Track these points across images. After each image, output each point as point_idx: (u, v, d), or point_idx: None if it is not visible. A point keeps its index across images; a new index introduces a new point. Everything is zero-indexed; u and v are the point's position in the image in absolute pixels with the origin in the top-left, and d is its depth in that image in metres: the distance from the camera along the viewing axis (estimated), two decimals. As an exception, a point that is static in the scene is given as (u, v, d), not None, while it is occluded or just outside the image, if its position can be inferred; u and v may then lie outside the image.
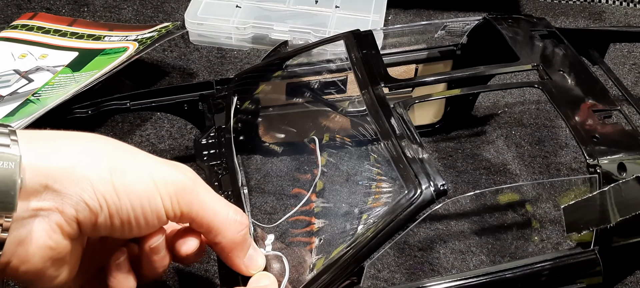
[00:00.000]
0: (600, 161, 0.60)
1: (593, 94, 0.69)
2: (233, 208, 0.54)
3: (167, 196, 0.50)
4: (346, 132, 0.87)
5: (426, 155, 0.59)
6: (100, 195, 0.47)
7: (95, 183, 0.47)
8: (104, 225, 0.48)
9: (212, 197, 0.53)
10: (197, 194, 0.52)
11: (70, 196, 0.46)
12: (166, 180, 0.50)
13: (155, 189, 0.49)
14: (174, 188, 0.50)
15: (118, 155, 0.50)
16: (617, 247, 0.61)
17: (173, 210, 0.51)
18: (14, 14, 1.13)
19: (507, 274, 0.60)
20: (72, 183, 0.46)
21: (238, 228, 0.55)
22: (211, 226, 0.53)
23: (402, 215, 0.56)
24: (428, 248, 0.79)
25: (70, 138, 0.49)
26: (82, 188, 0.46)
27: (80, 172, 0.46)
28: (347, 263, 0.57)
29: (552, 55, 0.75)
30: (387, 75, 0.71)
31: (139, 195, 0.49)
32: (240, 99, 0.81)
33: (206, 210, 0.52)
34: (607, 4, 1.24)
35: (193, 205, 0.51)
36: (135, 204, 0.49)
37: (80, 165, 0.47)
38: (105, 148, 0.50)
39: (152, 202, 0.49)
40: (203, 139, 0.76)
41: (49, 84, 0.89)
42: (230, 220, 0.54)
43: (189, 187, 0.51)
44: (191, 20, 1.08)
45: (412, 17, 1.19)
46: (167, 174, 0.51)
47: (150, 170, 0.50)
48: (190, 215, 0.52)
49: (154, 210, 0.50)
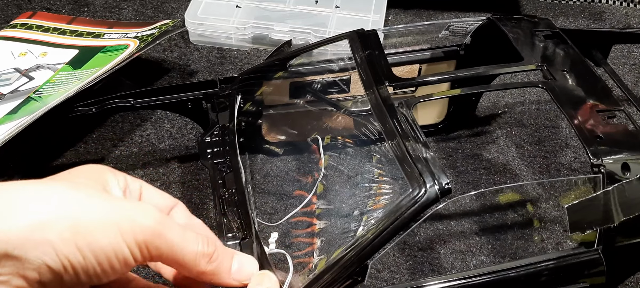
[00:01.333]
0: (604, 161, 0.61)
1: (596, 94, 0.69)
2: (201, 240, 0.53)
3: (134, 244, 0.49)
4: (349, 132, 0.87)
5: (430, 154, 0.59)
6: (64, 256, 0.45)
7: (57, 246, 0.45)
8: (70, 281, 0.47)
9: (179, 235, 0.51)
10: (164, 238, 0.50)
11: (31, 261, 0.44)
12: (133, 229, 0.48)
13: (122, 240, 0.48)
14: (142, 236, 0.49)
15: (80, 209, 0.47)
16: (620, 246, 0.61)
17: (142, 255, 0.50)
18: (14, 14, 1.13)
19: (511, 273, 0.60)
20: (32, 248, 0.44)
21: (207, 261, 0.54)
22: (181, 263, 0.52)
23: (406, 213, 0.56)
24: (428, 249, 0.79)
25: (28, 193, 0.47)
26: (43, 252, 0.44)
27: (40, 236, 0.44)
28: (351, 261, 0.57)
29: (556, 55, 0.75)
30: (392, 74, 0.71)
31: (105, 249, 0.47)
32: (244, 98, 0.81)
33: (174, 251, 0.51)
34: (607, 4, 1.24)
35: (161, 249, 0.50)
36: (101, 259, 0.47)
37: (40, 228, 0.45)
38: (65, 203, 0.47)
39: (118, 253, 0.48)
40: (207, 137, 0.75)
41: (50, 81, 0.89)
42: (199, 254, 0.53)
43: (156, 231, 0.50)
44: (191, 20, 1.08)
45: (412, 18, 1.19)
46: (133, 222, 0.49)
47: (115, 220, 0.48)
48: (160, 257, 0.51)
49: (121, 260, 0.48)
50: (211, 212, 0.81)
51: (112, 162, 0.88)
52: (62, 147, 0.90)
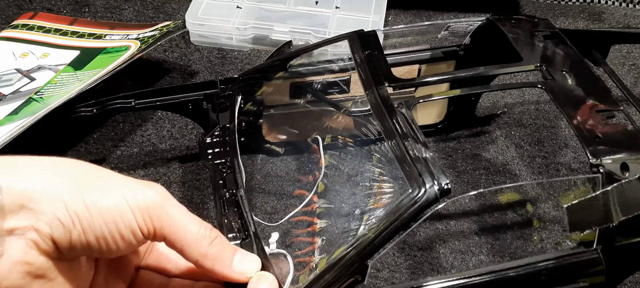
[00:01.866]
0: (603, 161, 0.61)
1: (596, 94, 0.69)
2: (204, 225, 0.55)
3: (139, 212, 0.51)
4: (349, 132, 0.87)
5: (430, 155, 0.59)
6: (73, 212, 0.48)
7: (67, 201, 0.48)
8: (79, 241, 0.49)
9: (183, 215, 0.53)
10: (167, 211, 0.52)
11: (44, 214, 0.47)
12: (137, 197, 0.51)
13: (127, 205, 0.50)
14: (145, 204, 0.51)
15: (88, 175, 0.51)
16: (619, 246, 0.62)
17: (146, 226, 0.51)
18: (15, 15, 1.13)
19: (510, 273, 0.61)
20: (46, 202, 0.48)
21: (208, 243, 0.55)
22: (182, 243, 0.53)
23: (406, 213, 0.56)
24: (428, 248, 0.79)
25: (42, 162, 0.50)
26: (55, 207, 0.48)
27: (52, 192, 0.48)
28: (352, 261, 0.57)
29: (555, 55, 0.75)
30: (391, 75, 0.71)
31: (111, 211, 0.50)
32: (244, 99, 0.81)
33: (177, 226, 0.53)
34: (607, 4, 1.24)
35: (164, 222, 0.52)
36: (108, 220, 0.49)
37: (53, 186, 0.48)
38: (75, 171, 0.51)
39: (124, 217, 0.50)
40: (208, 137, 0.76)
41: (51, 82, 0.89)
42: (200, 235, 0.54)
43: (159, 203, 0.52)
44: (192, 21, 1.08)
45: (412, 18, 1.20)
46: (138, 191, 0.51)
47: (121, 187, 0.51)
48: (162, 231, 0.52)
49: (127, 225, 0.50)
50: (212, 212, 0.81)
51: (113, 162, 0.89)
52: (63, 147, 0.90)
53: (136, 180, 0.53)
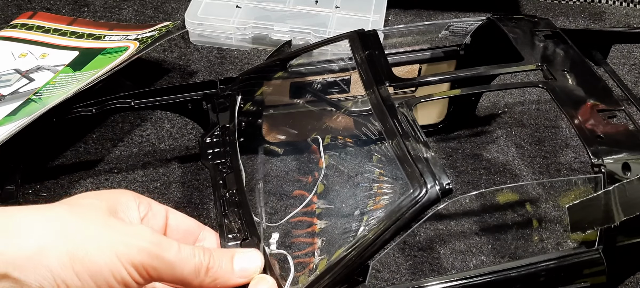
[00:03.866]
0: (605, 161, 0.61)
1: (597, 94, 0.69)
2: (197, 253, 0.54)
3: (131, 265, 0.50)
4: (349, 132, 0.87)
5: (431, 155, 0.59)
6: (61, 280, 0.47)
7: (55, 270, 0.47)
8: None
9: (175, 254, 0.52)
10: (161, 258, 0.51)
11: (29, 284, 0.46)
12: (129, 252, 0.50)
13: (119, 263, 0.49)
14: (138, 257, 0.50)
15: (80, 234, 0.49)
16: (621, 246, 0.62)
17: (141, 276, 0.51)
18: (14, 14, 1.13)
19: (511, 273, 0.60)
20: (31, 271, 0.46)
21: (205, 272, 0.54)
22: (181, 279, 0.53)
23: (407, 213, 0.56)
24: (428, 249, 0.79)
25: (29, 218, 0.49)
26: (42, 276, 0.46)
27: (38, 259, 0.46)
28: (353, 261, 0.57)
29: (556, 55, 0.75)
30: (392, 74, 0.71)
31: (103, 273, 0.49)
32: (244, 99, 0.81)
33: (173, 268, 0.52)
34: (607, 4, 1.24)
35: (159, 269, 0.51)
36: (99, 282, 0.49)
37: (39, 252, 0.47)
38: (66, 229, 0.49)
39: (116, 275, 0.49)
40: (207, 137, 0.75)
41: (50, 83, 0.89)
42: (196, 268, 0.54)
43: (152, 253, 0.51)
44: (191, 21, 1.08)
45: (412, 18, 1.19)
46: (129, 245, 0.50)
47: (113, 246, 0.49)
48: (160, 277, 0.52)
49: (120, 281, 0.50)
50: (212, 213, 0.81)
51: (112, 162, 0.88)
52: (62, 147, 0.90)
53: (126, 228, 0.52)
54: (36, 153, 0.89)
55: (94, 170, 0.87)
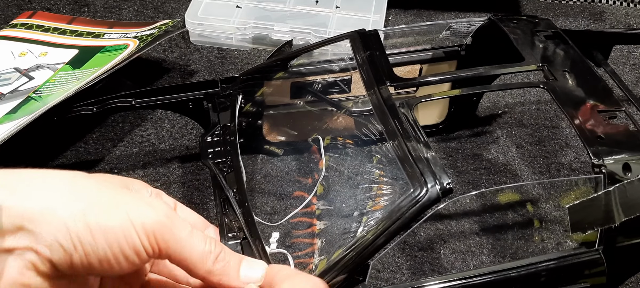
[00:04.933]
0: (606, 161, 0.61)
1: (598, 95, 0.69)
2: (209, 241, 0.54)
3: (144, 234, 0.50)
4: (350, 132, 0.87)
5: (431, 154, 0.59)
6: (74, 235, 0.47)
7: (69, 224, 0.47)
8: (80, 263, 0.48)
9: (187, 234, 0.53)
10: (172, 232, 0.51)
11: (44, 237, 0.46)
12: (142, 218, 0.50)
13: (132, 227, 0.49)
14: (151, 226, 0.50)
15: (93, 195, 0.50)
16: (621, 247, 0.61)
17: (152, 247, 0.50)
18: (14, 14, 1.13)
19: (511, 273, 0.60)
20: (46, 224, 0.46)
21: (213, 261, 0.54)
22: (188, 262, 0.53)
23: (407, 213, 0.56)
24: (428, 248, 0.79)
25: (46, 178, 0.49)
26: (56, 229, 0.46)
27: (53, 213, 0.47)
28: (353, 261, 0.57)
29: (557, 55, 0.75)
30: (393, 74, 0.71)
31: (115, 233, 0.48)
32: (245, 98, 0.81)
33: (183, 246, 0.52)
34: (608, 4, 1.24)
35: (169, 243, 0.51)
36: (111, 242, 0.48)
37: (55, 207, 0.47)
38: (80, 189, 0.49)
39: (129, 239, 0.49)
40: (208, 137, 0.75)
41: (49, 81, 0.89)
42: (206, 253, 0.54)
43: (165, 225, 0.51)
44: (191, 21, 1.08)
45: (412, 18, 1.19)
46: (144, 213, 0.50)
47: (125, 207, 0.50)
48: (168, 252, 0.52)
49: (132, 246, 0.49)
50: (212, 212, 0.81)
51: (112, 163, 0.88)
52: (62, 146, 0.90)
53: (142, 200, 0.52)
54: (36, 152, 0.89)
55: (94, 170, 0.87)
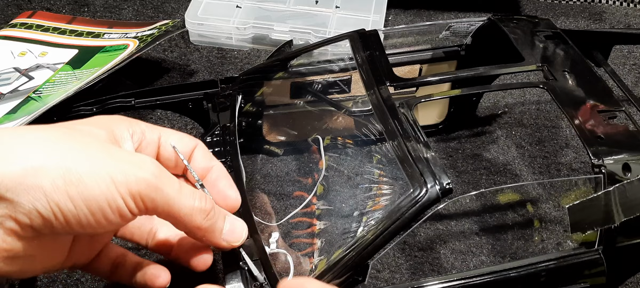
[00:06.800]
0: (605, 161, 0.61)
1: (597, 95, 0.69)
2: (198, 195, 0.54)
3: (128, 195, 0.49)
4: (350, 132, 0.87)
5: (431, 155, 0.59)
6: (54, 203, 0.46)
7: (48, 192, 0.46)
8: (61, 228, 0.47)
9: (175, 190, 0.52)
10: (160, 191, 0.50)
11: (22, 205, 0.45)
12: (128, 180, 0.49)
13: (116, 191, 0.48)
14: (136, 187, 0.49)
15: (74, 157, 0.48)
16: (621, 247, 0.61)
17: (137, 207, 0.50)
18: (14, 14, 1.13)
19: (511, 274, 0.60)
20: (24, 192, 0.45)
21: (203, 216, 0.54)
22: (177, 218, 0.53)
23: (407, 213, 0.56)
24: (428, 249, 0.79)
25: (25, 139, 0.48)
26: (34, 197, 0.46)
27: (32, 181, 0.45)
28: (353, 261, 0.57)
29: (557, 55, 0.75)
30: (393, 74, 0.71)
31: (97, 198, 0.47)
32: (244, 98, 0.81)
33: (171, 204, 0.51)
34: (608, 4, 1.24)
35: (157, 202, 0.51)
36: (93, 208, 0.48)
37: (33, 174, 0.46)
38: (61, 150, 0.48)
39: (111, 203, 0.48)
40: (208, 137, 0.75)
41: (49, 81, 0.89)
42: (195, 211, 0.53)
43: (152, 184, 0.50)
44: (191, 21, 1.08)
45: (412, 18, 1.19)
46: (128, 173, 0.49)
47: (109, 170, 0.48)
48: (156, 210, 0.51)
49: (115, 210, 0.49)
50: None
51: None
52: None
53: (126, 158, 0.50)
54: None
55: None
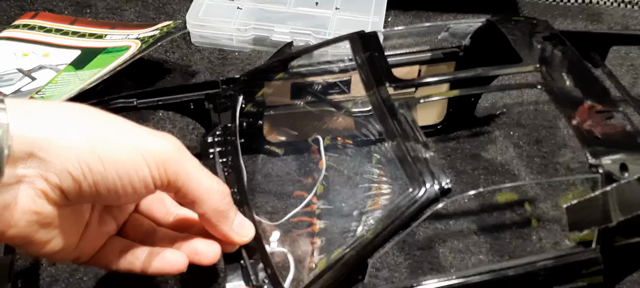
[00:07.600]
0: (603, 161, 0.61)
1: (595, 95, 0.69)
2: (216, 179, 0.55)
3: (154, 165, 0.50)
4: (350, 132, 0.88)
5: (430, 155, 0.60)
6: (84, 163, 0.48)
7: (79, 153, 0.47)
8: (89, 192, 0.49)
9: (196, 168, 0.54)
10: (182, 164, 0.52)
11: (54, 164, 0.47)
12: (153, 150, 0.51)
13: (142, 158, 0.50)
14: (160, 157, 0.51)
15: (103, 125, 0.50)
16: (618, 246, 0.62)
17: (160, 179, 0.51)
18: (17, 16, 1.13)
19: (509, 272, 0.61)
20: (56, 152, 0.47)
21: (221, 197, 0.56)
22: (195, 195, 0.54)
23: (406, 212, 0.56)
24: (427, 247, 0.79)
25: (57, 108, 0.50)
26: (65, 157, 0.47)
27: (64, 142, 0.47)
28: (352, 260, 0.57)
29: (555, 56, 0.75)
30: (392, 75, 0.71)
31: (125, 163, 0.49)
32: (245, 99, 0.81)
33: (191, 179, 0.53)
34: (605, 5, 1.25)
35: (178, 175, 0.52)
36: (121, 172, 0.49)
37: (65, 135, 0.48)
38: (91, 119, 0.50)
39: (138, 170, 0.50)
40: (209, 137, 0.76)
41: (52, 82, 0.90)
42: (213, 189, 0.55)
43: (175, 156, 0.52)
44: (193, 22, 1.08)
45: (411, 19, 1.20)
46: (153, 143, 0.51)
47: (136, 139, 0.51)
48: (176, 184, 0.53)
49: (141, 178, 0.50)
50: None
51: (114, 162, 0.89)
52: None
53: (152, 132, 0.52)
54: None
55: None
